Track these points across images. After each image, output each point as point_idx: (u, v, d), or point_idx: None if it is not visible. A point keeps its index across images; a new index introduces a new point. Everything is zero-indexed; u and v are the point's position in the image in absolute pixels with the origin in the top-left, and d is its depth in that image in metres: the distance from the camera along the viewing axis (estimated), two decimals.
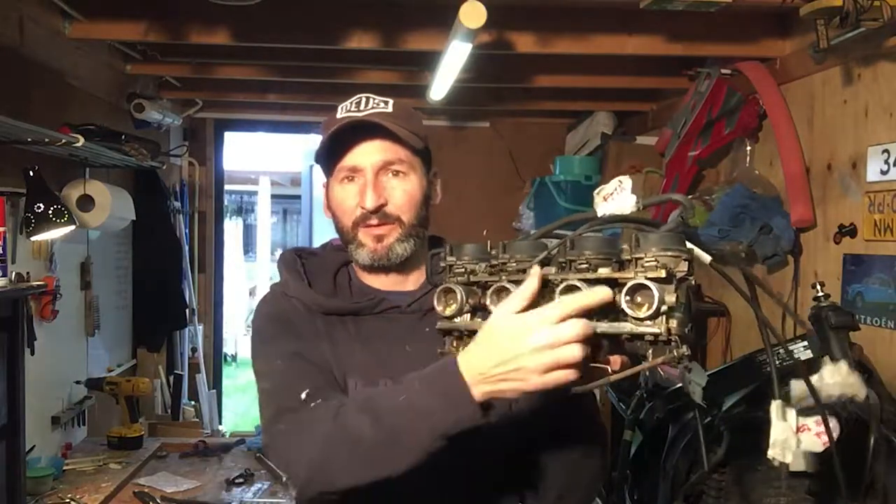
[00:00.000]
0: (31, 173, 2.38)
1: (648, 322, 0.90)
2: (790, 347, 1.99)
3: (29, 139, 2.30)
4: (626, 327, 0.92)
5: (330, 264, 1.34)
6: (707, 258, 1.01)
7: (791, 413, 1.08)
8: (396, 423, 1.02)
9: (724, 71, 2.80)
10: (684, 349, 0.90)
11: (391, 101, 1.28)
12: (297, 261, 1.33)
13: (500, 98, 4.05)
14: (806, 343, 1.94)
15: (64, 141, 2.32)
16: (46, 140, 2.30)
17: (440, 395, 0.99)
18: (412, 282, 1.32)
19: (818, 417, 1.28)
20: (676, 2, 2.02)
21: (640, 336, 0.91)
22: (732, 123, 2.84)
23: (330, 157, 1.28)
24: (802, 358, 1.91)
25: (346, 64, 3.27)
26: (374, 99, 1.27)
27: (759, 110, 2.76)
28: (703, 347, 3.13)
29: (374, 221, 1.24)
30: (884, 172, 2.16)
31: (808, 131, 2.55)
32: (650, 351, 0.93)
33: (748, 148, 2.83)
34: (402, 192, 1.25)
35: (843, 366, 1.29)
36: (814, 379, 1.66)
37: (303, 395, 1.14)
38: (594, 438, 1.22)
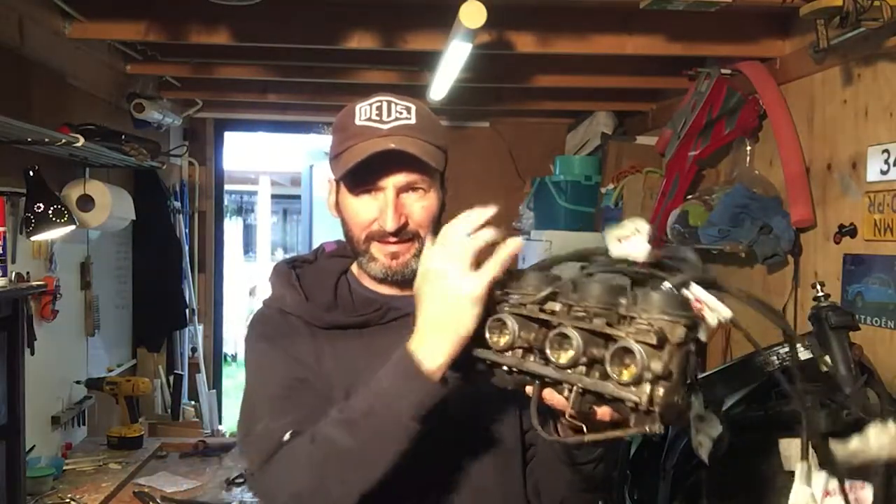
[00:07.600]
0: (31, 173, 2.38)
1: (632, 388, 0.85)
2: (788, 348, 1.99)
3: (29, 139, 2.31)
4: (609, 388, 0.86)
5: (328, 273, 1.28)
6: (728, 314, 0.92)
7: (818, 478, 1.02)
8: (370, 422, 1.03)
9: (724, 71, 2.80)
10: (657, 426, 0.85)
11: (413, 108, 1.21)
12: (291, 274, 1.26)
13: (500, 98, 4.05)
14: (807, 342, 1.93)
15: (64, 141, 2.32)
16: (46, 140, 2.31)
17: (401, 378, 1.02)
18: None
19: (846, 483, 1.19)
20: (676, 2, 2.02)
21: (621, 400, 0.86)
22: (732, 123, 2.84)
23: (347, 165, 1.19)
24: (802, 358, 1.91)
25: (346, 64, 3.27)
26: (395, 106, 1.20)
27: (759, 110, 2.75)
28: (703, 348, 3.12)
29: (392, 239, 1.19)
30: (884, 172, 2.15)
31: (807, 131, 2.55)
32: (632, 416, 0.87)
33: (748, 148, 2.82)
34: (422, 209, 1.20)
35: (891, 426, 1.23)
36: (855, 441, 1.52)
37: (286, 437, 1.09)
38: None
